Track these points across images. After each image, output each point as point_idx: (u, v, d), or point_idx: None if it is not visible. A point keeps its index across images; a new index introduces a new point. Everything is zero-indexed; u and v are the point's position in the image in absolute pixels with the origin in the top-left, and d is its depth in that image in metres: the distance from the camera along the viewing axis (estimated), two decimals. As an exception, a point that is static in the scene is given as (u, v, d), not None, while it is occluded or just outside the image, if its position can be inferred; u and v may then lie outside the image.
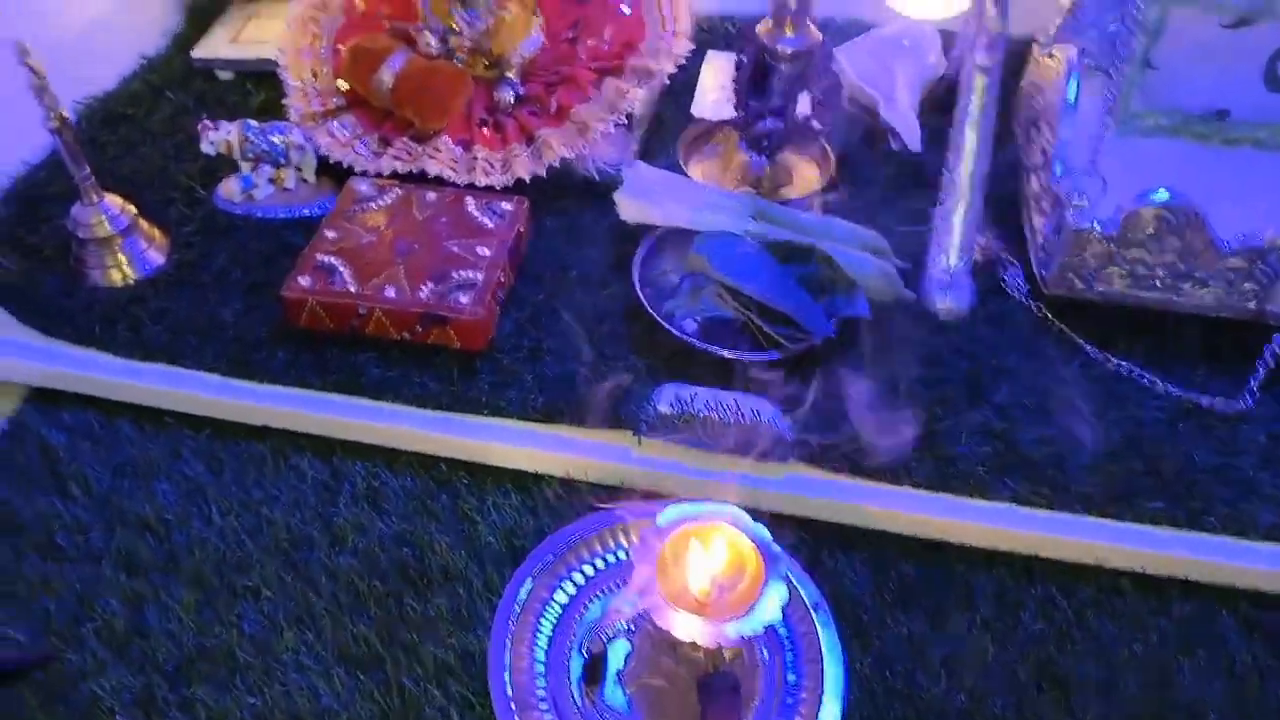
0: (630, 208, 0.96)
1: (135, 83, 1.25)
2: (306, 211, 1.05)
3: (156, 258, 1.01)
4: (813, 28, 0.95)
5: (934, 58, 1.17)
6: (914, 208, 1.04)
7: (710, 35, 1.30)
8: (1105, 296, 0.90)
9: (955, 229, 0.93)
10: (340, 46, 1.12)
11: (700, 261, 0.91)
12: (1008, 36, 0.87)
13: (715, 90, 1.23)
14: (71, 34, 1.21)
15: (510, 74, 1.10)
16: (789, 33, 0.95)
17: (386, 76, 1.06)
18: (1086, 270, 0.89)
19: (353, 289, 0.89)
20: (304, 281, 0.89)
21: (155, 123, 1.18)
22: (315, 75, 1.12)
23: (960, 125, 0.92)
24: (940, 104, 1.17)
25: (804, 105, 1.00)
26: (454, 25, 1.08)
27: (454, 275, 0.90)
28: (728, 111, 1.18)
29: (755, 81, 0.98)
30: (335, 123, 1.09)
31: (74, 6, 1.22)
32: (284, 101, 1.10)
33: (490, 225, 0.97)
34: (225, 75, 1.27)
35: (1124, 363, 0.90)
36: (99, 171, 1.10)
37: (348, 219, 0.97)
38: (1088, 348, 0.91)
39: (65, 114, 0.92)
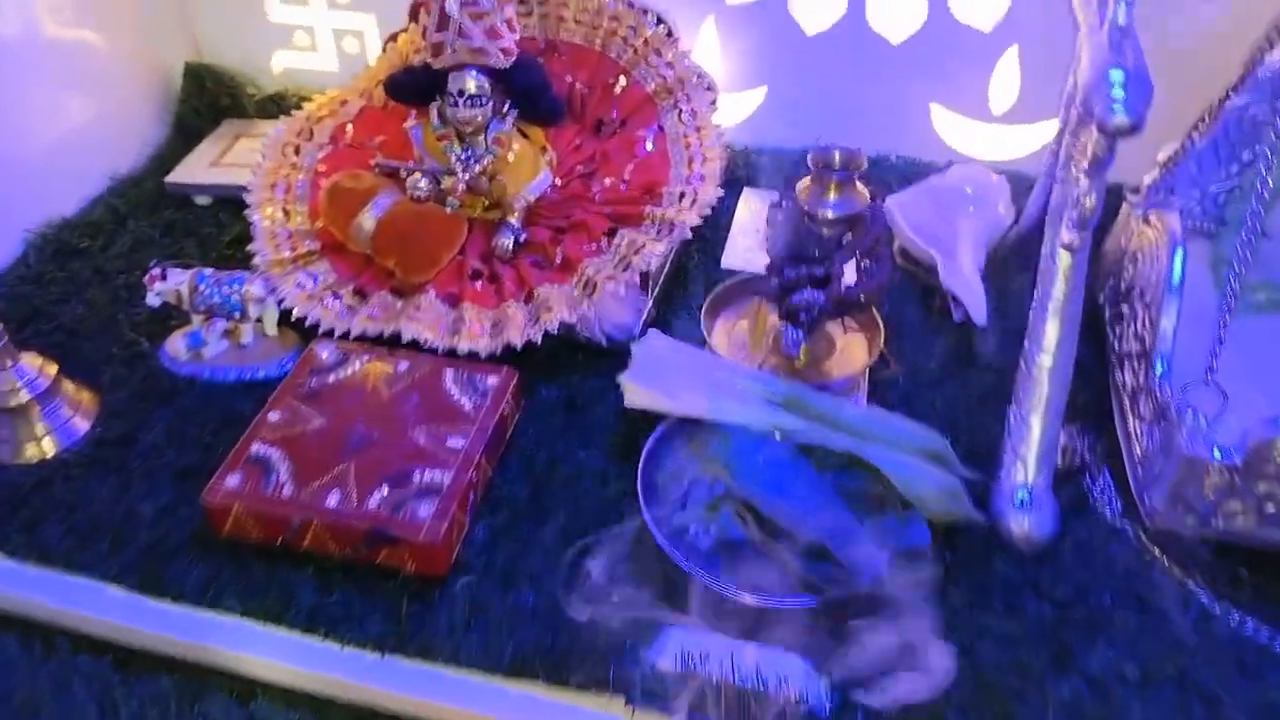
0: (638, 395, 0.79)
1: (99, 208, 1.12)
2: (263, 373, 0.90)
3: (80, 426, 0.86)
4: (860, 187, 0.79)
5: (1002, 207, 1.01)
6: (980, 392, 0.88)
7: (748, 171, 1.15)
8: (1226, 534, 0.72)
9: (1034, 435, 0.76)
10: (322, 182, 0.98)
11: (719, 469, 0.74)
12: (1101, 210, 0.71)
13: (750, 236, 1.07)
14: (41, 149, 1.09)
15: (512, 218, 0.96)
16: (832, 196, 0.79)
17: (368, 222, 0.92)
18: (1202, 503, 0.71)
19: (288, 493, 0.73)
20: (231, 482, 0.73)
21: (110, 258, 1.05)
22: (287, 215, 0.98)
23: (1040, 312, 0.75)
24: (1008, 260, 1.00)
25: (849, 273, 0.84)
26: (449, 164, 0.94)
27: (415, 477, 0.74)
28: (763, 262, 1.02)
29: (791, 245, 0.82)
30: (305, 272, 0.94)
31: (50, 118, 1.10)
32: (249, 247, 0.96)
33: (468, 408, 0.81)
34: (203, 200, 1.14)
35: (1250, 620, 0.71)
36: (35, 315, 0.97)
37: (300, 395, 0.81)
38: (1203, 596, 0.72)
39: (-28, 269, 0.78)
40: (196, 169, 1.16)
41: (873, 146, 1.13)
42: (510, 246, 0.95)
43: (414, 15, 1.08)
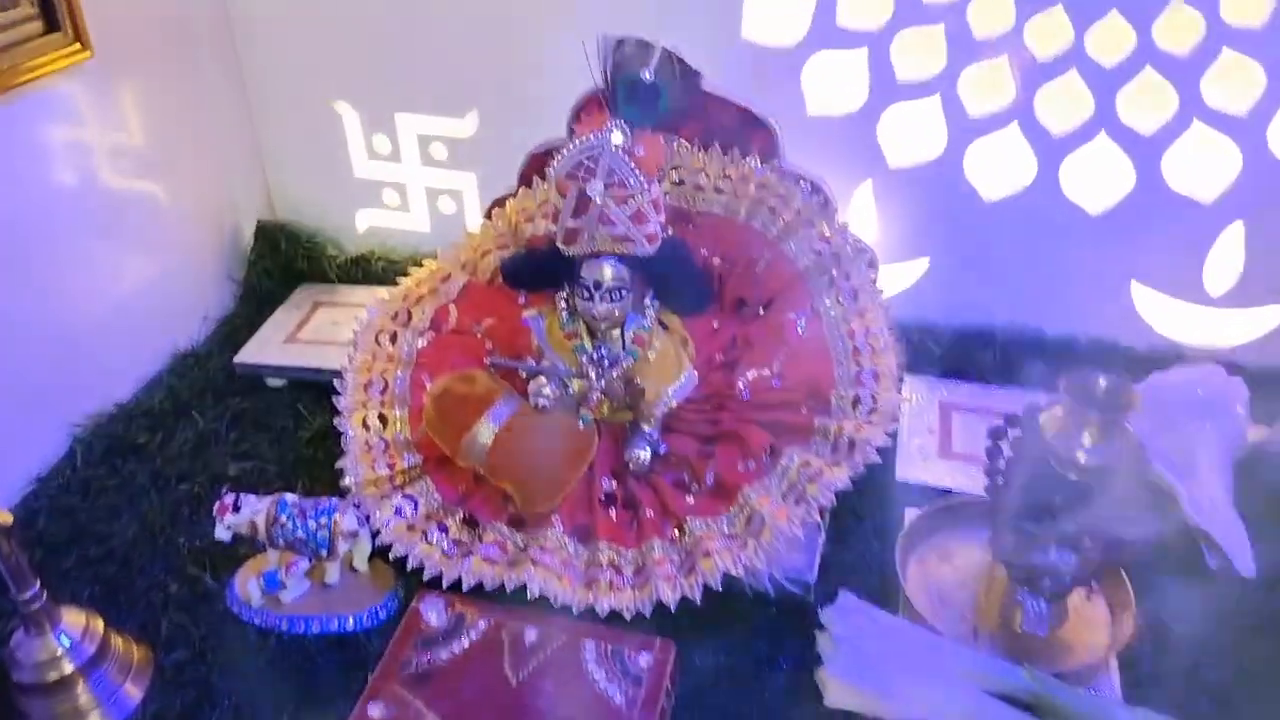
0: (844, 694, 0.61)
1: (158, 392, 0.97)
2: (352, 623, 0.73)
3: (132, 696, 0.69)
4: (1129, 429, 0.62)
5: (1240, 409, 0.83)
6: (1249, 658, 0.69)
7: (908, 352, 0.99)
8: None
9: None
10: (424, 379, 0.83)
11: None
12: None
13: (922, 435, 0.90)
14: (94, 318, 0.95)
15: (648, 425, 0.80)
16: (1089, 439, 0.62)
17: (485, 435, 0.76)
18: None
19: (402, 843, 0.55)
20: (326, 823, 0.56)
21: (169, 458, 0.90)
22: (384, 421, 0.82)
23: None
24: (1250, 478, 0.82)
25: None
26: (579, 365, 0.78)
27: (565, 819, 0.56)
28: (944, 474, 0.85)
29: (1030, 490, 0.65)
30: (404, 494, 0.78)
31: (105, 282, 0.96)
32: (339, 464, 0.80)
33: (618, 700, 0.63)
34: (276, 383, 0.99)
35: None
36: (79, 535, 0.82)
37: (406, 679, 0.64)
38: None
39: (6, 518, 0.62)
40: (269, 345, 1.01)
41: (1057, 326, 0.98)
42: (648, 460, 0.79)
43: (525, 179, 0.94)
